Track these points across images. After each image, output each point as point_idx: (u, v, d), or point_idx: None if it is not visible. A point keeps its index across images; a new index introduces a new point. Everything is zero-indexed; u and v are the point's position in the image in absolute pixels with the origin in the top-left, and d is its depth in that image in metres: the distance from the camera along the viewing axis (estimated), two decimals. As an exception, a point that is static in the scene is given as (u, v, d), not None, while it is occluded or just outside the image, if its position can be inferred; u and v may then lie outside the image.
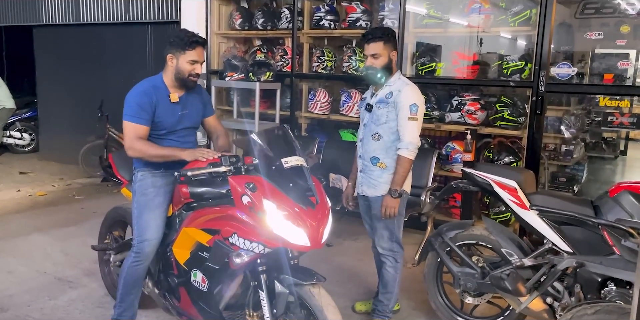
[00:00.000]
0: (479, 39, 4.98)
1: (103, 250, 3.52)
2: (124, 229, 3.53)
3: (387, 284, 3.20)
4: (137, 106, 2.76)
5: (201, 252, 2.54)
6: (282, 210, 2.23)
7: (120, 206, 3.44)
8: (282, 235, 2.22)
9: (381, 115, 3.04)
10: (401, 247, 3.18)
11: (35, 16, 7.92)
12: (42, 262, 4.10)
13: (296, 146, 2.46)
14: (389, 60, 3.03)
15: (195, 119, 2.98)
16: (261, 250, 2.30)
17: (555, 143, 5.85)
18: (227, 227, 2.37)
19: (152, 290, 3.01)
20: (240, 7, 6.12)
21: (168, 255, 2.83)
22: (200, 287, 2.57)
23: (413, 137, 2.96)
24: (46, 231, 4.82)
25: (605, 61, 4.33)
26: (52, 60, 8.12)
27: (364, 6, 5.31)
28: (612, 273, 2.48)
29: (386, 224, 3.11)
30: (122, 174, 3.29)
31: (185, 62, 2.76)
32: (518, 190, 2.87)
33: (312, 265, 2.47)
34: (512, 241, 2.96)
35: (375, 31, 3.06)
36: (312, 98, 5.59)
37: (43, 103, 8.45)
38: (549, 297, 2.78)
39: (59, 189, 6.60)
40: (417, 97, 3.01)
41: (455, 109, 4.84)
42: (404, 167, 2.98)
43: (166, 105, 2.80)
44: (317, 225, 2.25)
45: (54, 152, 8.25)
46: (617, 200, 2.67)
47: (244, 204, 2.29)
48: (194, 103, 2.93)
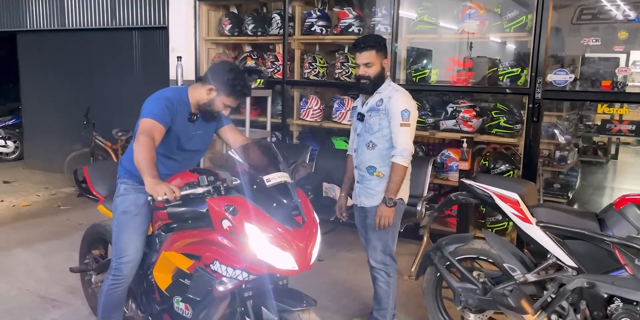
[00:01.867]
0: (474, 45, 4.90)
1: (82, 271, 3.34)
2: (104, 247, 3.35)
3: (380, 300, 3.11)
4: (164, 108, 2.59)
5: (182, 278, 2.39)
6: (266, 233, 2.07)
7: (99, 223, 3.25)
8: (267, 261, 2.06)
9: (373, 123, 2.98)
10: (394, 261, 3.09)
11: (19, 21, 7.75)
12: (25, 279, 3.94)
13: (280, 160, 2.30)
14: (382, 69, 2.99)
15: (205, 140, 2.83)
16: (245, 277, 2.15)
17: (549, 149, 5.79)
18: (208, 253, 2.21)
19: (135, 312, 2.86)
20: (230, 13, 5.99)
21: (149, 277, 2.68)
22: (184, 314, 2.42)
23: (406, 144, 2.90)
24: (29, 245, 4.65)
25: (602, 67, 4.28)
26: (36, 67, 7.95)
27: (356, 12, 5.22)
28: (624, 294, 2.39)
29: (380, 235, 3.02)
30: (98, 190, 3.07)
31: (222, 103, 2.63)
32: (520, 203, 2.77)
33: (304, 279, 2.34)
34: (514, 255, 2.86)
35: (367, 39, 3.01)
36: (304, 105, 5.48)
37: (27, 110, 8.25)
38: (554, 315, 2.68)
39: (43, 199, 6.42)
40: (408, 102, 2.96)
41: (450, 117, 4.75)
42: (399, 174, 2.90)
43: (183, 121, 2.67)
44: (304, 246, 2.10)
45: (39, 160, 8.07)
46: (623, 213, 2.58)
47: (224, 228, 2.14)
48: (208, 125, 2.79)
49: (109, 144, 6.62)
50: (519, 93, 4.50)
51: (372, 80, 2.98)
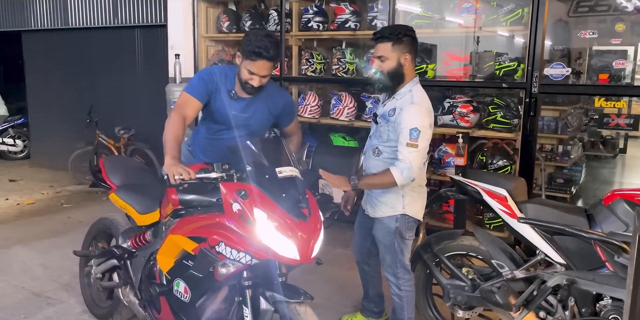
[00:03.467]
0: (471, 39, 4.85)
1: (85, 255, 3.40)
2: (108, 241, 3.39)
3: (395, 311, 2.97)
4: (199, 80, 2.71)
5: (186, 260, 2.44)
6: (272, 221, 2.14)
7: (106, 217, 3.31)
8: (271, 247, 2.12)
9: (383, 132, 2.77)
10: (407, 272, 2.89)
11: (24, 21, 7.81)
12: (21, 277, 3.98)
13: (291, 157, 2.38)
14: (399, 65, 2.68)
15: (256, 128, 2.86)
16: (248, 260, 2.19)
17: (552, 143, 5.72)
18: (215, 235, 2.26)
19: (131, 300, 2.91)
20: (228, 10, 5.99)
21: (152, 262, 2.74)
22: (182, 297, 2.46)
23: (409, 165, 2.59)
24: (28, 243, 4.69)
25: (600, 60, 4.20)
26: (41, 66, 8.02)
27: (353, 7, 5.18)
28: (606, 291, 2.35)
29: (386, 248, 2.87)
30: (112, 179, 3.16)
31: (245, 68, 2.67)
32: (508, 198, 2.74)
33: (298, 276, 2.36)
34: (504, 252, 2.83)
35: (384, 29, 2.75)
36: (302, 102, 5.46)
37: (33, 109, 8.34)
38: (542, 311, 2.65)
39: (47, 197, 6.48)
40: (421, 119, 2.61)
41: (447, 112, 4.70)
42: (383, 180, 2.64)
43: (225, 97, 2.75)
44: (307, 238, 2.15)
45: (45, 158, 8.15)
46: (611, 209, 2.54)
47: (233, 211, 2.20)
48: (258, 110, 2.82)
49: (112, 142, 6.66)
50: (516, 87, 4.43)
51: (386, 78, 2.71)
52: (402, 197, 2.80)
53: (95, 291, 3.39)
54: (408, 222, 2.83)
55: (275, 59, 2.69)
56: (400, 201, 2.80)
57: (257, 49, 2.59)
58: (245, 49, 2.63)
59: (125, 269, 2.95)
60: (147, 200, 2.87)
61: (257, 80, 2.67)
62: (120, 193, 3.01)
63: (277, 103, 2.92)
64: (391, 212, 2.82)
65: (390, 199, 2.81)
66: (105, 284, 3.19)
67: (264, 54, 2.60)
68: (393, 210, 2.81)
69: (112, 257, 3.06)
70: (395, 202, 2.81)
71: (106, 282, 3.19)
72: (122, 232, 3.09)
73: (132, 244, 2.89)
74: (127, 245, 2.95)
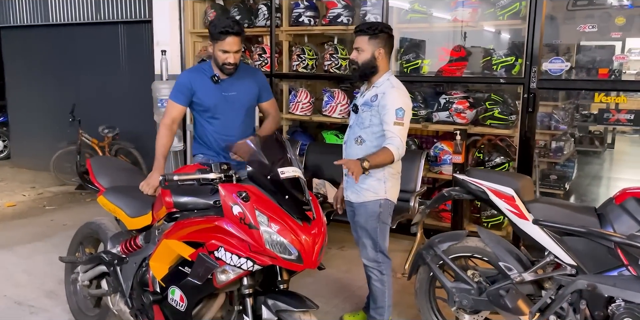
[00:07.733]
0: (466, 34, 4.75)
1: (71, 262, 3.25)
2: (95, 247, 3.26)
3: (376, 299, 3.01)
4: (177, 86, 3.08)
5: (182, 266, 2.30)
6: (275, 224, 2.03)
7: (93, 221, 3.15)
8: (274, 252, 2.00)
9: (365, 118, 2.88)
10: (387, 257, 2.99)
11: (3, 17, 7.57)
12: (2, 284, 3.79)
13: (293, 157, 2.26)
14: (372, 57, 2.85)
15: (244, 102, 3.18)
16: (250, 266, 2.06)
17: (545, 139, 5.65)
18: (213, 240, 2.13)
19: (121, 309, 2.76)
20: (215, 4, 5.82)
21: (144, 269, 2.59)
22: (178, 306, 2.31)
23: (401, 141, 2.75)
24: (10, 248, 4.49)
25: (598, 55, 4.13)
26: (21, 63, 7.78)
27: (345, 1, 5.04)
28: (629, 297, 2.25)
29: (369, 233, 2.93)
30: (100, 181, 3.03)
31: (218, 51, 2.98)
32: (516, 198, 2.63)
33: (293, 279, 2.23)
34: (510, 253, 2.73)
35: (363, 24, 2.92)
36: (293, 99, 5.32)
37: (13, 107, 8.08)
38: (553, 315, 2.55)
39: (29, 198, 6.26)
40: (403, 100, 2.81)
41: (443, 108, 4.60)
42: (384, 157, 2.69)
43: (207, 86, 3.07)
44: (312, 242, 2.04)
45: (26, 159, 7.90)
46: (624, 207, 2.45)
47: (234, 214, 2.07)
48: (243, 86, 3.15)
49: (96, 141, 6.46)
50: (514, 83, 4.35)
51: (360, 68, 2.88)
52: (383, 182, 2.90)
53: (82, 299, 3.24)
54: (390, 207, 2.95)
55: (240, 34, 3.01)
56: (382, 186, 2.90)
57: (223, 29, 2.92)
58: (214, 32, 2.96)
59: (115, 276, 2.79)
60: (138, 202, 2.74)
61: (232, 57, 2.98)
62: (109, 195, 2.88)
63: (255, 77, 3.27)
64: (374, 197, 2.91)
65: (372, 184, 2.89)
66: (93, 292, 3.04)
67: (230, 30, 2.93)
68: (376, 195, 2.91)
69: (100, 263, 2.92)
70: (377, 187, 2.90)
71: (94, 290, 3.04)
72: (110, 237, 2.94)
73: (122, 250, 2.75)
74: (116, 251, 2.80)
